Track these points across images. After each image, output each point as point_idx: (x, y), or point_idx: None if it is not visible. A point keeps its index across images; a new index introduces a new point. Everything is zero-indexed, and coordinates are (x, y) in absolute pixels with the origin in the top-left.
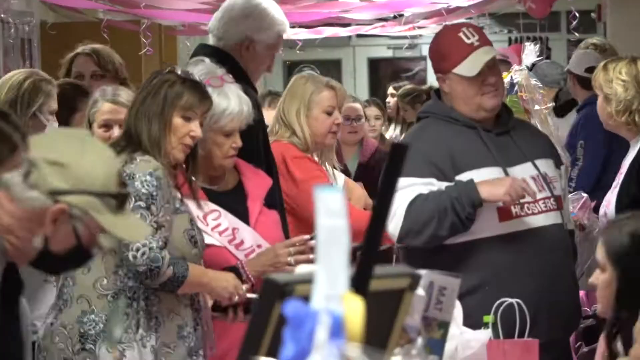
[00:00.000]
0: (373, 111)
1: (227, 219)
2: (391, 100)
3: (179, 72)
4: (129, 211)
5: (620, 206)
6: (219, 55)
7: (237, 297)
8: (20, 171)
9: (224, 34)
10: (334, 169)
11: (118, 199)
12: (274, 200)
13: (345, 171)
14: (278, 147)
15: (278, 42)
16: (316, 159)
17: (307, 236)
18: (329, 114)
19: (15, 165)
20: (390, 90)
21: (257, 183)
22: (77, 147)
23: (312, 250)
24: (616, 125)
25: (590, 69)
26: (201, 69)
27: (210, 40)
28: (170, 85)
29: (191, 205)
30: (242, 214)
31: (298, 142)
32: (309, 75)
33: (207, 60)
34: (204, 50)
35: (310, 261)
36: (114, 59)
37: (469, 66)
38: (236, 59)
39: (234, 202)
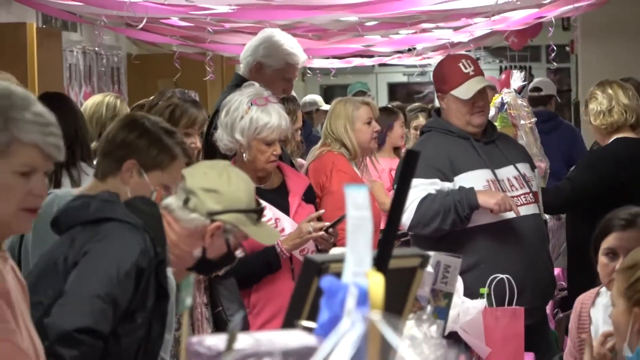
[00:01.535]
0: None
1: (271, 211)
2: None
3: (178, 95)
4: (263, 221)
5: None
6: (243, 82)
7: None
8: (178, 197)
9: (243, 59)
10: None
11: (257, 213)
12: (312, 196)
13: None
14: (330, 156)
15: (287, 68)
16: (356, 170)
17: (320, 214)
18: (369, 123)
19: (176, 173)
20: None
21: (297, 183)
22: (224, 176)
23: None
24: (600, 134)
25: (533, 89)
26: (250, 90)
27: (240, 69)
28: (173, 109)
29: None
30: (284, 207)
31: (346, 152)
32: (346, 98)
33: (256, 84)
34: (237, 77)
35: (325, 229)
36: None
37: (464, 91)
38: (249, 80)
39: (277, 197)
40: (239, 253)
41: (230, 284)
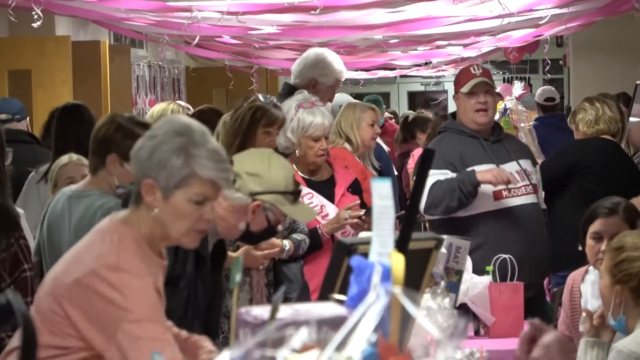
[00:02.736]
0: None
1: (318, 199)
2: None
3: (261, 98)
4: (301, 201)
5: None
6: (294, 91)
7: (265, 264)
8: None
9: (299, 75)
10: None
11: (294, 195)
12: (358, 188)
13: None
14: (333, 151)
15: (336, 84)
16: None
17: (357, 203)
18: (372, 126)
19: None
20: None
21: (343, 176)
22: (266, 162)
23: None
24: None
25: (548, 99)
26: (299, 97)
27: (291, 80)
28: (255, 110)
29: None
30: (330, 196)
31: (350, 147)
32: (356, 102)
33: (305, 92)
34: (287, 86)
35: (359, 216)
36: None
37: (467, 87)
38: (299, 89)
39: (325, 188)
40: (279, 228)
41: (294, 268)
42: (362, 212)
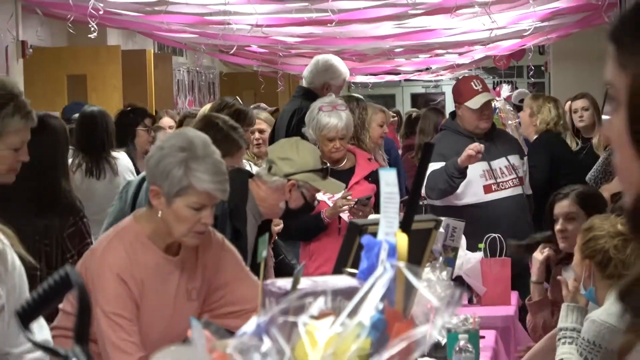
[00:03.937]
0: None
1: None
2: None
3: (240, 103)
4: (329, 177)
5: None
6: (308, 93)
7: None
8: (264, 167)
9: (312, 80)
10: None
11: (323, 171)
12: (377, 178)
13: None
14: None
15: (342, 84)
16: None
17: (350, 194)
18: (381, 126)
19: (240, 158)
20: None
21: (363, 167)
22: (294, 147)
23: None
24: (534, 131)
25: (522, 101)
26: (325, 99)
27: (304, 83)
28: (238, 113)
29: None
30: (346, 184)
31: (361, 143)
32: (369, 103)
33: (333, 95)
34: (301, 89)
35: (352, 205)
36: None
37: (474, 102)
38: (319, 95)
39: (344, 176)
40: (315, 203)
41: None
42: (354, 201)
